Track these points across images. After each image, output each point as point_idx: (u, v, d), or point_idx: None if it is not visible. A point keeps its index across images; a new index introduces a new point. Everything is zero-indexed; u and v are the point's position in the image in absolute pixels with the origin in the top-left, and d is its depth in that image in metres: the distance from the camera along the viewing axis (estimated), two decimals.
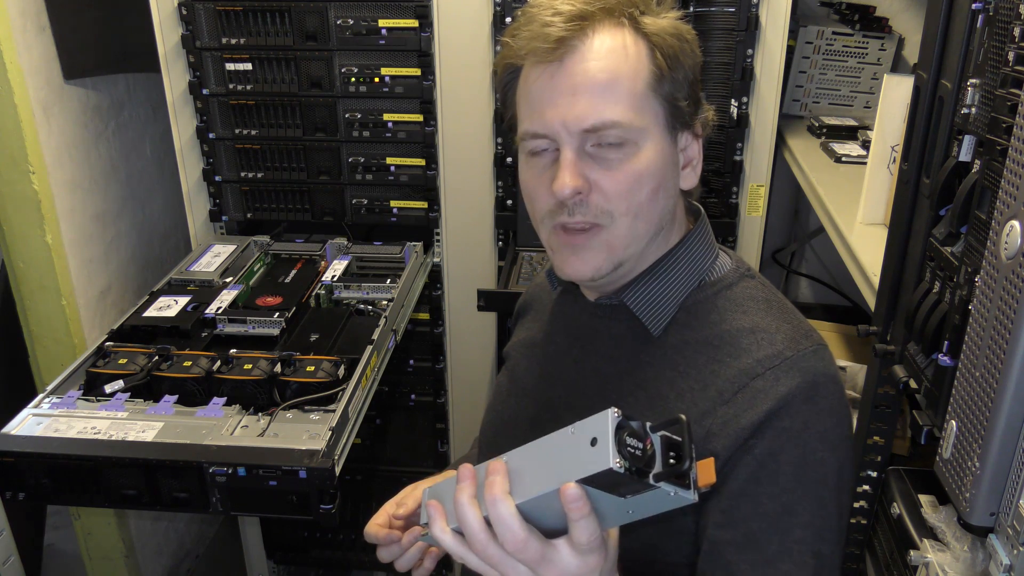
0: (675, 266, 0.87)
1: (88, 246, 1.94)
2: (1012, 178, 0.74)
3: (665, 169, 0.82)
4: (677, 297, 0.86)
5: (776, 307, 0.86)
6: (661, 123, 0.81)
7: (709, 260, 0.88)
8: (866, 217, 1.42)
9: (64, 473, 1.19)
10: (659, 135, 0.81)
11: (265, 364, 1.33)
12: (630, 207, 0.80)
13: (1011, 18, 0.81)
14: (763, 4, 1.66)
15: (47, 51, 1.79)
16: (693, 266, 0.87)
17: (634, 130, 0.79)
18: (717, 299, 0.86)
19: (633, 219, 0.81)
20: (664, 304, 0.86)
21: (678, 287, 0.86)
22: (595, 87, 0.77)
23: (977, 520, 0.79)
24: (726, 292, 0.86)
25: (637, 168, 0.79)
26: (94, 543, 2.09)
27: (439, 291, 1.97)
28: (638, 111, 0.79)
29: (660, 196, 0.82)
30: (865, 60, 2.08)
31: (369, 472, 2.15)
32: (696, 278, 0.87)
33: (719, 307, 0.85)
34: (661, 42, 0.80)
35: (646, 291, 0.86)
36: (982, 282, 0.79)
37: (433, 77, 1.76)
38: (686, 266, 0.87)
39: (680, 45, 0.81)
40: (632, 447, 0.62)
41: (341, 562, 2.27)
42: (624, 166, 0.79)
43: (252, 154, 1.86)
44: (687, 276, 0.87)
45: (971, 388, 0.79)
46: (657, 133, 0.81)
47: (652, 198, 0.81)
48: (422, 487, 0.97)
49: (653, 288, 0.86)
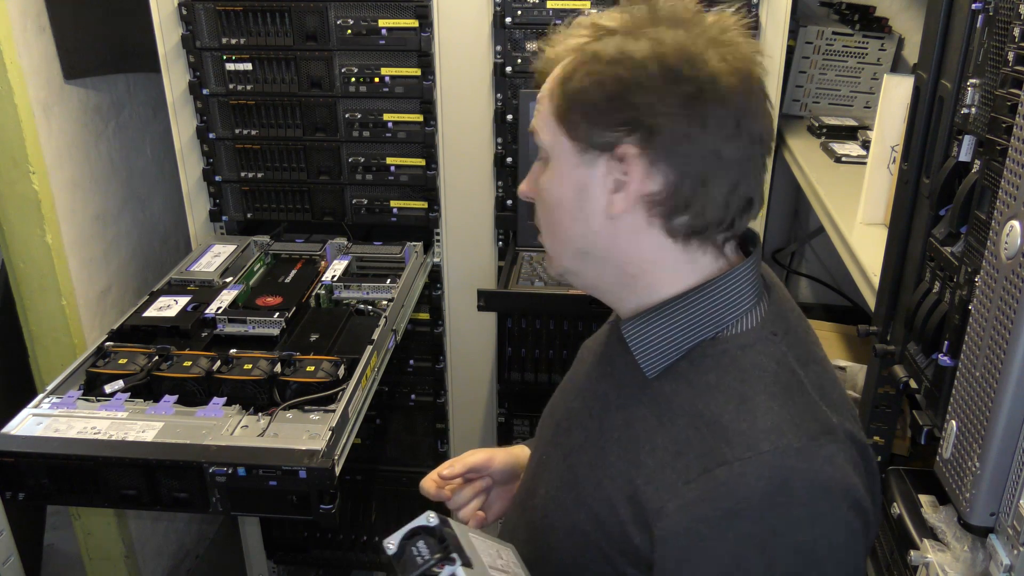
0: (689, 309, 0.78)
1: (88, 246, 1.94)
2: (1012, 178, 0.74)
3: (574, 194, 0.80)
4: (681, 344, 0.79)
5: (783, 384, 0.75)
6: (569, 150, 0.79)
7: (738, 311, 0.78)
8: (866, 217, 1.42)
9: (64, 473, 1.19)
10: (566, 158, 0.80)
11: (265, 364, 1.33)
12: (546, 221, 0.85)
13: (1011, 18, 0.81)
14: (763, 4, 1.66)
15: (47, 51, 1.79)
16: (713, 314, 0.78)
17: (549, 150, 0.81)
18: (723, 358, 0.77)
19: (552, 235, 0.84)
20: (665, 347, 0.79)
21: (685, 333, 0.79)
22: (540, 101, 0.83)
23: (977, 520, 0.79)
24: (735, 352, 0.77)
25: (543, 184, 0.83)
26: (94, 543, 2.09)
27: (439, 291, 1.97)
28: (546, 128, 0.81)
29: (577, 219, 0.80)
30: (865, 60, 2.08)
31: (369, 472, 2.15)
32: (713, 328, 0.78)
33: (721, 367, 0.76)
34: (563, 73, 0.78)
35: (647, 329, 0.80)
36: (982, 282, 0.79)
37: (433, 77, 1.76)
38: (704, 312, 0.78)
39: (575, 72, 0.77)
40: (419, 552, 0.70)
41: (341, 562, 2.27)
42: (540, 180, 0.83)
43: (252, 154, 1.86)
44: (701, 324, 0.78)
45: (971, 388, 0.79)
46: (567, 160, 0.79)
47: (562, 218, 0.82)
48: (476, 454, 1.05)
49: (655, 328, 0.79)
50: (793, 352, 0.78)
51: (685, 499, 0.71)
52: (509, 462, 1.06)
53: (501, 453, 1.07)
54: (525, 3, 1.71)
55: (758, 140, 0.77)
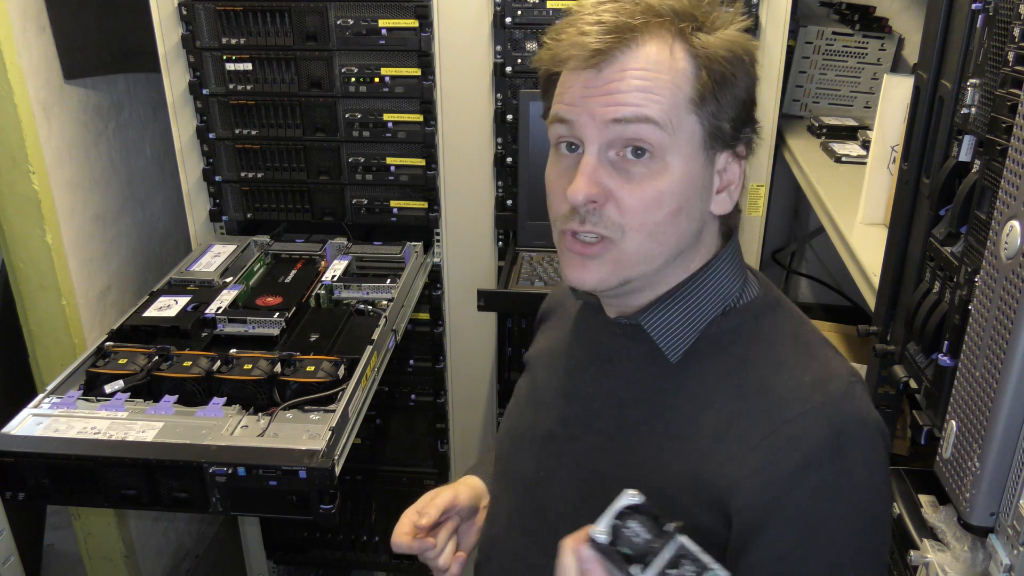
0: (699, 290, 0.81)
1: (88, 246, 1.94)
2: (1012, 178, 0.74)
3: (692, 191, 0.77)
4: (699, 323, 0.81)
5: (803, 342, 0.81)
6: (697, 142, 0.76)
7: (736, 285, 0.83)
8: (866, 217, 1.42)
9: (64, 473, 1.19)
10: (691, 155, 0.76)
11: (265, 364, 1.33)
12: (644, 225, 0.75)
13: (1011, 18, 0.81)
14: (763, 4, 1.66)
15: (47, 51, 1.79)
16: (719, 292, 0.82)
17: (666, 140, 0.74)
18: (742, 329, 0.81)
19: (646, 238, 0.76)
20: (684, 330, 0.81)
21: (701, 313, 0.81)
22: (632, 89, 0.73)
23: (977, 520, 0.79)
24: (752, 322, 0.81)
25: (660, 186, 0.75)
26: (94, 543, 2.09)
27: (439, 291, 1.97)
28: (674, 120, 0.74)
29: (681, 219, 0.77)
30: (865, 60, 2.08)
31: (369, 472, 2.15)
32: (721, 304, 0.82)
33: (744, 339, 0.80)
34: (709, 63, 0.75)
35: (666, 315, 0.81)
36: (982, 282, 0.79)
37: (433, 77, 1.76)
38: (711, 291, 0.81)
39: (732, 66, 0.75)
40: (633, 532, 0.63)
41: (341, 562, 2.27)
42: (647, 182, 0.75)
43: (252, 154, 1.86)
44: (711, 302, 0.81)
45: (971, 388, 0.79)
46: (689, 153, 0.76)
47: (671, 220, 0.76)
48: (441, 495, 0.97)
49: (673, 312, 0.81)
50: (793, 312, 0.85)
51: (753, 466, 0.74)
52: (471, 496, 1.01)
53: (462, 488, 1.01)
54: (525, 3, 1.71)
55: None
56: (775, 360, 0.78)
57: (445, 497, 0.97)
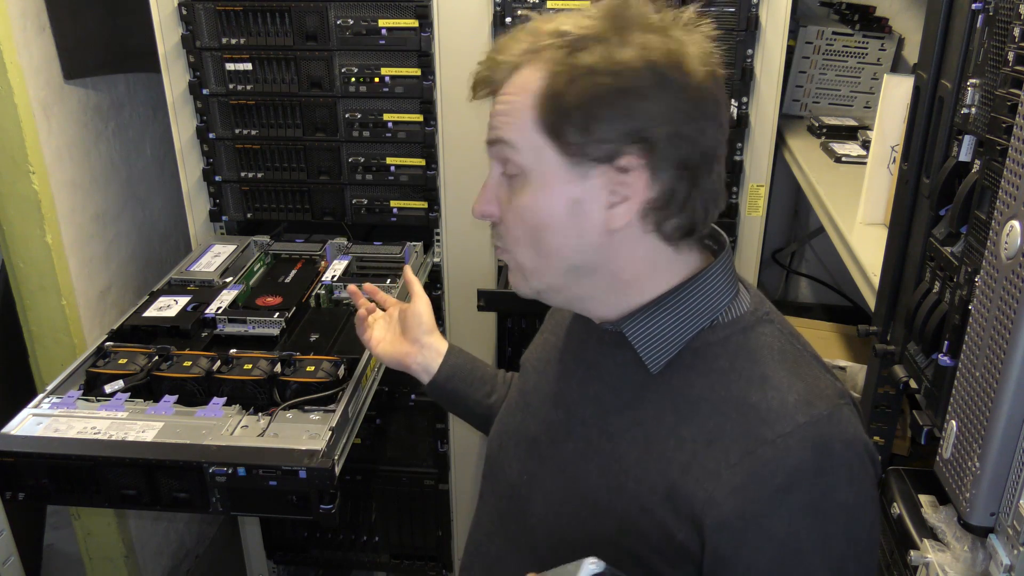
0: (685, 301, 0.80)
1: (88, 246, 1.94)
2: (1012, 178, 0.74)
3: (560, 207, 0.77)
4: (683, 335, 0.80)
5: (791, 359, 0.79)
6: (554, 160, 0.76)
7: (727, 298, 0.82)
8: (866, 217, 1.42)
9: (64, 473, 1.19)
10: (552, 172, 0.76)
11: (265, 364, 1.33)
12: (520, 239, 0.80)
13: (1011, 18, 0.81)
14: (763, 4, 1.66)
15: (47, 51, 1.79)
16: (707, 304, 0.81)
17: (524, 159, 0.77)
18: (728, 343, 0.80)
19: (529, 250, 0.80)
20: (668, 340, 0.80)
21: (686, 324, 0.80)
22: (496, 113, 0.80)
23: (977, 520, 0.79)
24: (739, 337, 0.80)
25: (524, 202, 0.78)
26: (94, 543, 2.09)
27: (439, 291, 1.97)
28: (529, 140, 0.77)
29: (557, 234, 0.78)
30: (865, 60, 2.08)
31: (369, 472, 2.15)
32: (708, 317, 0.81)
33: (729, 352, 0.79)
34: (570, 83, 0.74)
35: (649, 324, 0.80)
36: (982, 282, 0.79)
37: (433, 77, 1.76)
38: (698, 303, 0.81)
39: (615, 82, 0.73)
40: None
41: (341, 562, 2.27)
42: (516, 198, 0.79)
43: (252, 154, 1.86)
44: (698, 314, 0.80)
45: (971, 388, 0.79)
46: (549, 170, 0.76)
47: (544, 234, 0.78)
48: (425, 311, 1.17)
49: (657, 322, 0.80)
50: (784, 328, 0.83)
51: (732, 484, 0.73)
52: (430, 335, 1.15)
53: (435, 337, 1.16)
54: (525, 3, 1.71)
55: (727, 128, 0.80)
56: (760, 376, 0.77)
57: (422, 310, 1.16)
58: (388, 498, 2.18)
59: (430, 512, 2.19)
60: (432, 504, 2.18)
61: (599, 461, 0.82)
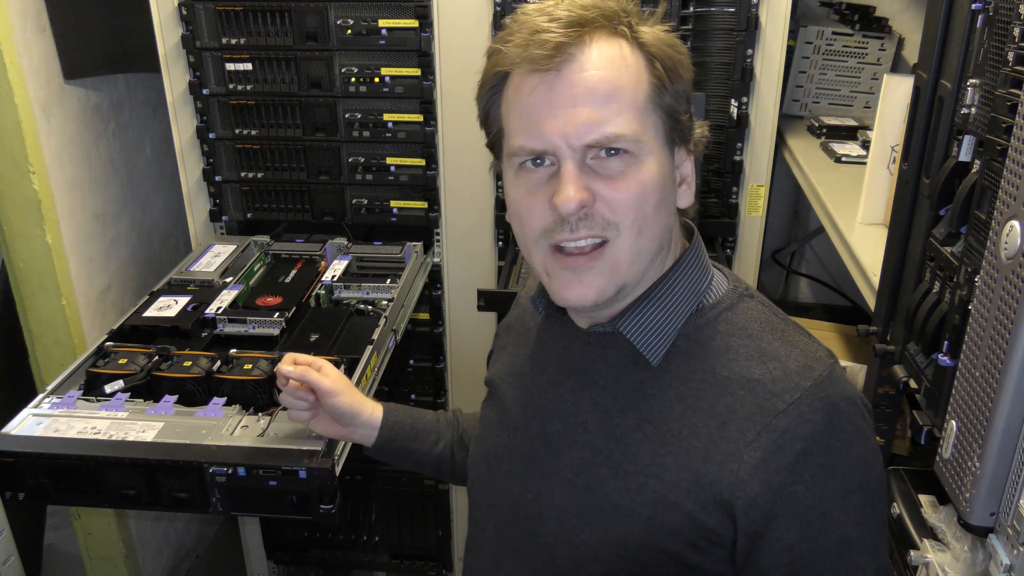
0: (672, 290, 0.82)
1: (88, 246, 1.94)
2: (1012, 178, 0.74)
3: (665, 184, 0.78)
4: (676, 323, 0.81)
5: (780, 329, 0.81)
6: (661, 136, 0.78)
7: (706, 281, 0.84)
8: (866, 217, 1.42)
9: (64, 473, 1.19)
10: (659, 149, 0.77)
11: (265, 364, 1.33)
12: (636, 219, 0.76)
13: (1011, 18, 0.81)
14: (763, 4, 1.66)
15: (47, 51, 1.79)
16: (690, 289, 0.82)
17: (637, 143, 0.75)
18: (718, 323, 0.81)
19: (638, 234, 0.77)
20: (662, 331, 0.81)
21: (676, 312, 0.81)
22: (596, 98, 0.74)
23: (977, 520, 0.79)
24: (726, 315, 0.82)
25: (641, 179, 0.76)
26: (94, 543, 2.09)
27: (439, 291, 1.97)
28: (640, 123, 0.75)
29: (663, 211, 0.79)
30: (865, 60, 2.08)
31: (369, 472, 2.15)
32: (694, 301, 0.82)
33: (721, 332, 0.81)
34: (659, 53, 0.77)
35: (643, 318, 0.81)
36: (982, 282, 0.79)
37: (433, 77, 1.76)
38: (684, 289, 0.82)
39: (677, 57, 0.78)
40: None
41: (341, 562, 2.27)
42: (628, 177, 0.75)
43: (252, 154, 1.86)
44: (685, 300, 0.82)
45: (971, 388, 0.80)
46: (657, 147, 0.77)
47: (656, 212, 0.77)
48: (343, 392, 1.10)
49: (650, 314, 0.81)
50: (763, 300, 0.85)
51: (754, 460, 0.74)
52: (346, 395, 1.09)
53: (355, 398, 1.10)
54: (525, 2, 1.71)
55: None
56: (757, 350, 0.79)
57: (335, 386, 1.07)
58: (388, 498, 2.18)
59: (430, 512, 2.19)
60: (432, 504, 2.18)
61: (611, 465, 0.81)
